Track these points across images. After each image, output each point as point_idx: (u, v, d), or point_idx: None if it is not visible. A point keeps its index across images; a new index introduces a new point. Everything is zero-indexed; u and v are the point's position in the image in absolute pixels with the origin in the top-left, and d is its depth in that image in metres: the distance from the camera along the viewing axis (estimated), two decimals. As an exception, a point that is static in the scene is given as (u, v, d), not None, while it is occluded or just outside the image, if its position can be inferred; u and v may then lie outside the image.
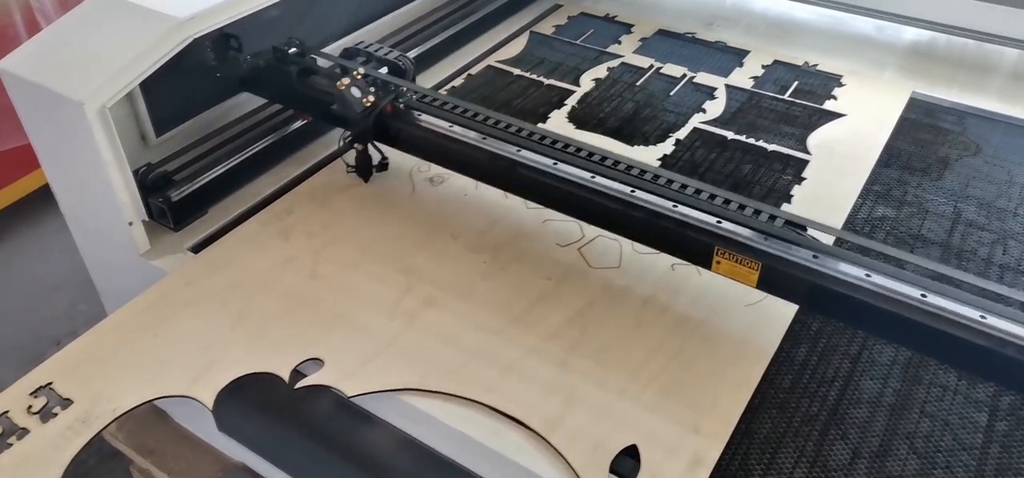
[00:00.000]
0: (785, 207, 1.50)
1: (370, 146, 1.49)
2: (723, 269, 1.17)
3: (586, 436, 1.05)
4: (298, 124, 1.63)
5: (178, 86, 1.45)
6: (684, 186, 1.23)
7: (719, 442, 1.05)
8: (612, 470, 1.02)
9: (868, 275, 1.08)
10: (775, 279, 1.13)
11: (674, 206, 1.21)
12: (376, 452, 1.23)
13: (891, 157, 1.65)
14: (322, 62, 1.52)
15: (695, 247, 1.19)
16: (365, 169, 1.51)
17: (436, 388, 1.12)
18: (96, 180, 1.35)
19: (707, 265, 1.19)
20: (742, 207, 1.18)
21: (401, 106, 1.42)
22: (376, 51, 1.50)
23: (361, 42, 1.56)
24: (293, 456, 1.34)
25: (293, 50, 1.49)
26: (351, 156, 1.53)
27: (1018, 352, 0.99)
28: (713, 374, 1.15)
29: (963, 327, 1.02)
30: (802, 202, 1.51)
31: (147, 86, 1.38)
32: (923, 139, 1.71)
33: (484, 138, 1.35)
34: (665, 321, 1.24)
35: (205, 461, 1.44)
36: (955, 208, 1.51)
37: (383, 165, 1.53)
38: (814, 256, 1.12)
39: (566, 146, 1.32)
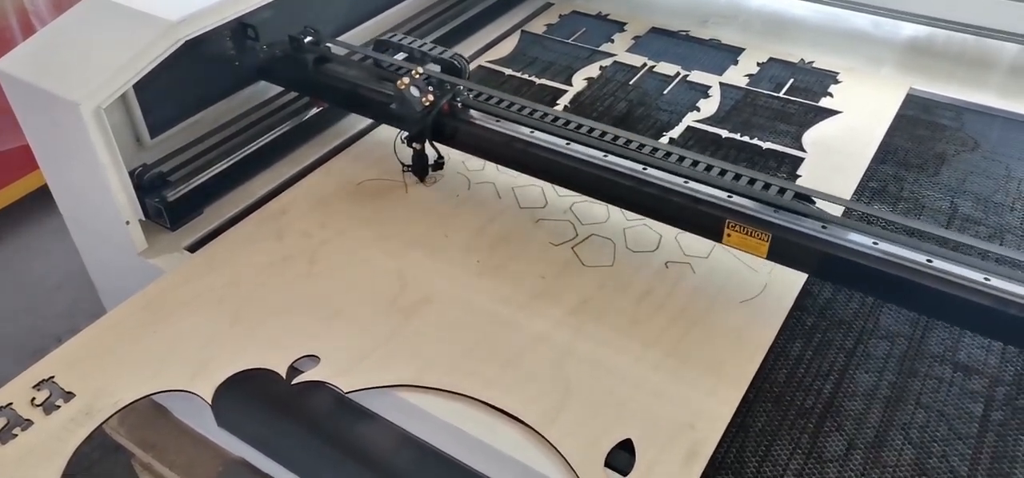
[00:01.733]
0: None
1: (426, 145, 1.49)
2: (734, 241, 1.20)
3: (582, 431, 1.05)
4: (314, 110, 1.68)
5: (171, 88, 1.46)
6: (695, 162, 1.27)
7: (715, 435, 1.05)
8: (608, 464, 1.02)
9: (875, 243, 1.12)
10: (784, 249, 1.17)
11: (685, 182, 1.25)
12: (373, 447, 1.24)
13: (887, 154, 1.65)
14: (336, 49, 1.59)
15: (706, 221, 1.23)
16: (421, 168, 1.52)
17: (432, 384, 1.12)
18: (93, 180, 1.36)
19: (718, 238, 1.22)
20: (752, 182, 1.22)
21: (459, 105, 1.43)
22: (428, 49, 1.53)
23: (393, 34, 1.62)
24: (291, 451, 1.35)
25: (309, 39, 1.56)
26: (404, 154, 1.53)
27: (1021, 311, 1.03)
28: (708, 369, 1.15)
29: (968, 289, 1.06)
30: (798, 198, 1.51)
31: (141, 87, 1.38)
32: (920, 135, 1.71)
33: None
34: (660, 317, 1.24)
35: (206, 456, 1.45)
36: (952, 203, 1.51)
37: (439, 164, 1.53)
38: (823, 226, 1.15)
39: (615, 138, 1.35)
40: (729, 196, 1.21)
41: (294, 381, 1.14)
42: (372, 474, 1.28)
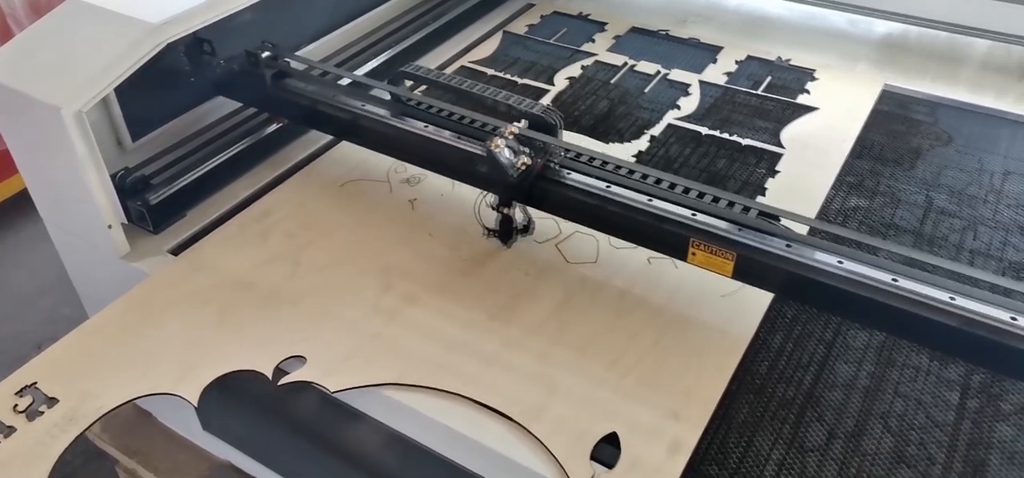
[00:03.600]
0: (759, 200, 1.52)
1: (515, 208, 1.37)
2: (699, 260, 1.19)
3: (567, 425, 1.07)
4: (273, 127, 1.63)
5: (152, 91, 1.45)
6: (659, 180, 1.25)
7: (698, 427, 1.07)
8: (594, 457, 1.03)
9: (840, 262, 1.10)
10: (749, 268, 1.15)
11: (649, 200, 1.22)
12: (360, 447, 1.24)
13: (864, 148, 1.68)
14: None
15: (671, 239, 1.20)
16: (508, 233, 1.38)
17: (418, 382, 1.13)
18: (74, 184, 1.35)
19: (683, 256, 1.20)
20: (716, 199, 1.20)
21: (554, 166, 1.29)
22: (515, 103, 1.35)
23: (412, 67, 1.49)
24: (278, 453, 1.35)
25: (266, 54, 1.49)
26: (487, 217, 1.40)
27: (987, 331, 1.02)
28: (691, 363, 1.16)
29: (933, 309, 1.04)
30: (776, 194, 1.53)
31: (122, 91, 1.38)
32: (895, 130, 1.74)
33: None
34: (643, 313, 1.25)
35: (191, 460, 1.45)
36: (927, 197, 1.54)
37: (527, 229, 1.40)
38: (788, 245, 1.14)
39: (578, 156, 1.29)
40: (693, 214, 1.19)
41: (280, 382, 1.14)
42: (360, 473, 1.29)
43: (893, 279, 1.07)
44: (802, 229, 1.21)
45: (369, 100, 1.46)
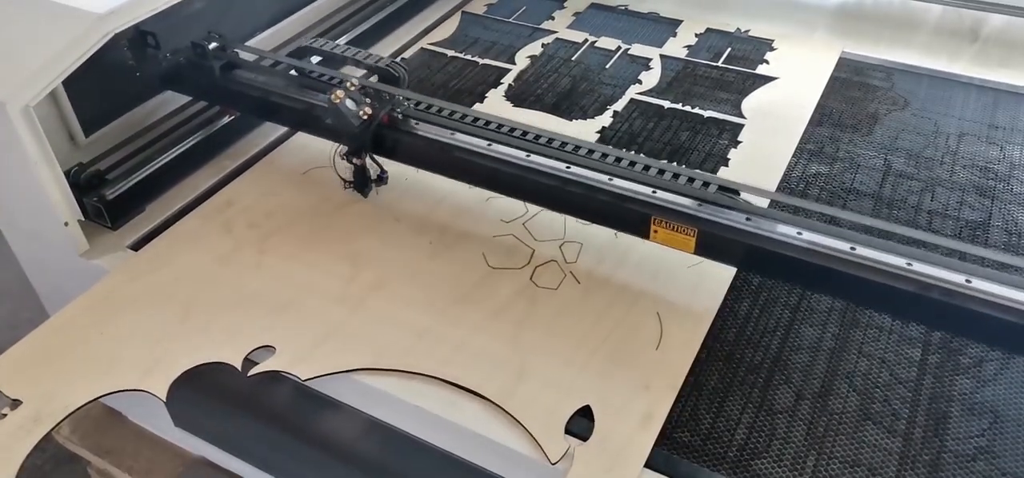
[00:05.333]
0: (722, 170, 1.54)
1: (367, 159, 1.41)
2: (660, 238, 1.19)
3: (540, 402, 1.07)
4: (226, 119, 1.59)
5: (102, 85, 1.42)
6: (618, 159, 1.25)
7: (669, 396, 1.08)
8: (568, 431, 1.04)
9: (800, 233, 1.12)
10: (711, 243, 1.16)
11: (610, 179, 1.22)
12: (334, 434, 1.24)
13: (823, 116, 1.70)
14: (259, 58, 1.50)
15: (632, 218, 1.20)
16: (363, 184, 1.43)
17: (390, 366, 1.13)
18: (26, 182, 1.31)
19: (645, 235, 1.20)
20: (676, 176, 1.21)
21: (399, 116, 1.34)
22: (363, 58, 1.42)
23: (311, 39, 1.54)
24: (253, 445, 1.34)
25: (214, 45, 1.45)
26: (342, 169, 1.44)
27: (942, 294, 1.04)
28: (660, 334, 1.18)
29: (891, 275, 1.06)
30: (739, 165, 1.55)
31: (70, 84, 1.34)
32: (853, 97, 1.77)
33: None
34: (611, 288, 1.26)
35: (165, 458, 1.43)
36: (885, 161, 1.57)
37: (382, 179, 1.43)
38: (747, 218, 1.14)
39: (538, 137, 1.31)
40: (654, 192, 1.19)
41: (250, 373, 1.13)
42: (336, 461, 1.28)
43: (851, 247, 1.09)
44: (763, 202, 1.22)
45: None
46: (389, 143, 1.35)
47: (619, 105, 1.73)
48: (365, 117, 1.30)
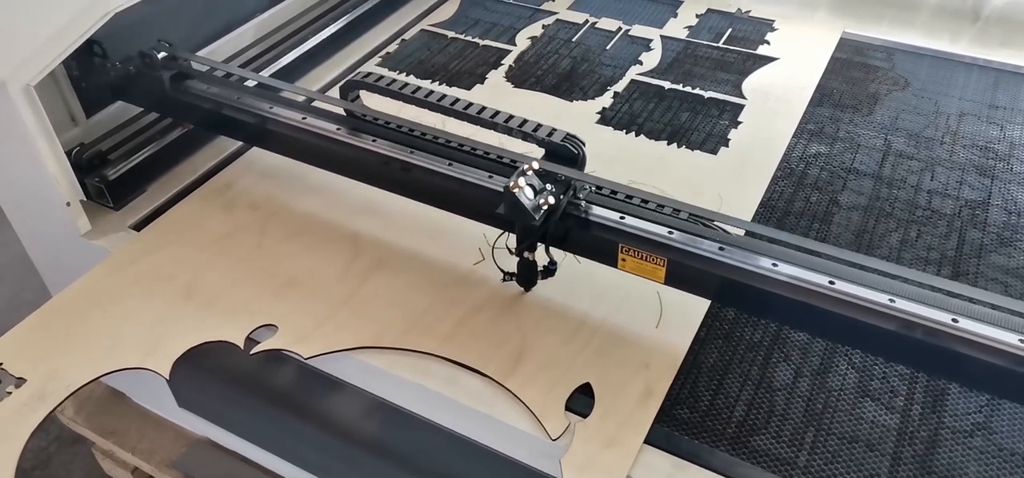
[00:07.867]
0: (722, 150, 1.54)
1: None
2: (629, 266, 1.11)
3: (541, 379, 1.08)
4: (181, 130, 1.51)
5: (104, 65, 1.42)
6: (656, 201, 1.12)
7: (669, 374, 1.09)
8: (569, 408, 1.05)
9: (775, 265, 1.03)
10: (682, 274, 1.08)
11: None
12: (337, 412, 1.24)
13: (824, 96, 1.70)
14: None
15: (600, 245, 1.12)
16: (530, 279, 1.22)
17: (391, 344, 1.13)
18: (28, 163, 1.31)
19: (613, 263, 1.12)
20: (644, 202, 1.13)
21: (581, 202, 1.13)
22: (538, 133, 1.18)
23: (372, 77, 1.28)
24: (255, 424, 1.35)
25: (163, 55, 1.39)
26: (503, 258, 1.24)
27: (926, 334, 0.96)
28: (660, 312, 1.18)
29: (871, 312, 0.98)
30: (739, 146, 1.55)
31: (71, 64, 1.34)
32: (854, 77, 1.77)
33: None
34: (610, 270, 1.26)
35: (168, 438, 1.44)
36: (886, 141, 1.57)
37: (550, 271, 1.19)
38: (720, 248, 1.06)
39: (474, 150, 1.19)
40: (622, 217, 1.10)
41: (252, 351, 1.14)
42: (338, 439, 1.29)
43: (830, 281, 1.00)
44: (738, 231, 1.11)
45: (312, 112, 1.33)
46: (572, 235, 1.15)
47: (619, 86, 1.73)
48: (545, 207, 1.09)
